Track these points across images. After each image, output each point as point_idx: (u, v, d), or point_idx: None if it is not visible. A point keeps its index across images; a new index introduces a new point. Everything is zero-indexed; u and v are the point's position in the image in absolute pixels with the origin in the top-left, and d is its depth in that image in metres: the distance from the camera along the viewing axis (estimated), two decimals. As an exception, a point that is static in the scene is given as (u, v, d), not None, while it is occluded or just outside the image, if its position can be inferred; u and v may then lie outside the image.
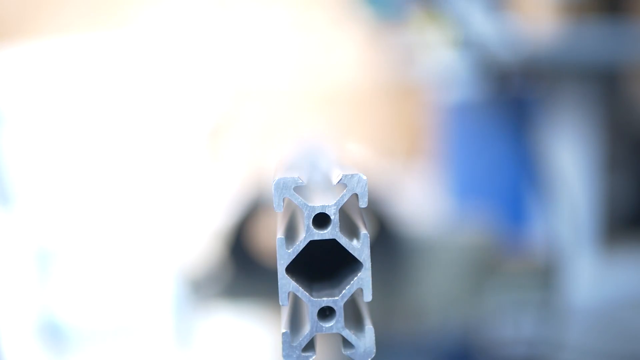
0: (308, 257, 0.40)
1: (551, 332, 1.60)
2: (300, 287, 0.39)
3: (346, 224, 0.40)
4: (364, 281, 0.39)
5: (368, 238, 0.38)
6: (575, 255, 1.86)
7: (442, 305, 1.82)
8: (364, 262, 0.39)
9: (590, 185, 1.97)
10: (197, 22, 2.76)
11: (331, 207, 0.38)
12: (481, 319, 1.71)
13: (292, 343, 0.39)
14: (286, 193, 0.39)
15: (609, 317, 1.66)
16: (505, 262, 1.95)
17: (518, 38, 1.93)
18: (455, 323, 1.73)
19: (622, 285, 1.82)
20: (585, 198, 1.94)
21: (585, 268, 1.87)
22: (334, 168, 0.41)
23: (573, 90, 2.00)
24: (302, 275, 0.40)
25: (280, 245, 0.39)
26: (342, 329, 0.39)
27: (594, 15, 2.03)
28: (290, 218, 0.41)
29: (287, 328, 0.39)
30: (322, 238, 0.39)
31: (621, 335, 1.60)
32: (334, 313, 0.39)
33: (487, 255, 1.92)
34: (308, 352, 0.39)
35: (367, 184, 0.38)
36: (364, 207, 0.39)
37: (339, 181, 0.39)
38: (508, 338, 1.61)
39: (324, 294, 0.39)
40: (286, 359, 0.39)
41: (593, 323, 1.64)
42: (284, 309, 0.40)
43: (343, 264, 0.41)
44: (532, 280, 1.85)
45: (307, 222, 0.39)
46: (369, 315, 0.40)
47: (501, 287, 1.81)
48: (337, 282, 0.40)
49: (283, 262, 0.39)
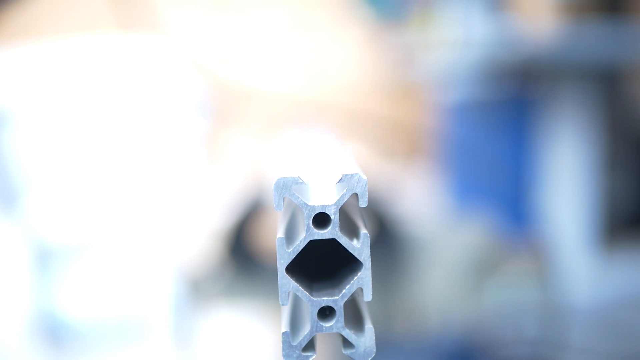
0: (308, 257, 0.39)
1: (551, 332, 1.60)
2: (300, 287, 0.39)
3: (346, 224, 0.40)
4: (364, 281, 0.39)
5: (368, 238, 0.38)
6: (575, 255, 1.86)
7: (442, 305, 1.83)
8: (364, 261, 0.39)
9: (590, 185, 1.97)
10: (196, 22, 2.76)
11: (331, 207, 0.38)
12: (481, 319, 1.71)
13: (292, 343, 0.39)
14: (286, 193, 0.39)
15: (608, 316, 1.66)
16: (505, 262, 1.95)
17: (518, 38, 1.93)
18: (455, 323, 1.73)
19: (622, 285, 1.82)
20: (585, 198, 1.94)
21: (585, 268, 1.86)
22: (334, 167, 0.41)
23: (573, 90, 2.00)
24: (302, 275, 0.40)
25: (280, 245, 0.39)
26: (342, 329, 0.39)
27: (594, 15, 2.03)
28: (290, 218, 0.41)
29: (287, 328, 0.39)
30: (322, 238, 0.39)
31: (621, 335, 1.60)
32: (334, 313, 0.39)
33: (487, 255, 1.92)
34: (308, 351, 0.39)
35: (367, 184, 0.38)
36: (364, 207, 0.39)
37: (339, 180, 0.39)
38: (508, 338, 1.61)
39: (324, 293, 0.39)
40: (286, 358, 0.39)
41: (593, 323, 1.64)
42: (284, 309, 0.40)
43: (343, 264, 0.41)
44: (532, 280, 1.85)
45: (307, 221, 0.38)
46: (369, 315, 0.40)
47: (501, 287, 1.81)
48: (337, 282, 0.40)
49: (283, 262, 0.39)
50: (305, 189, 0.39)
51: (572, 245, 1.88)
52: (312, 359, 0.39)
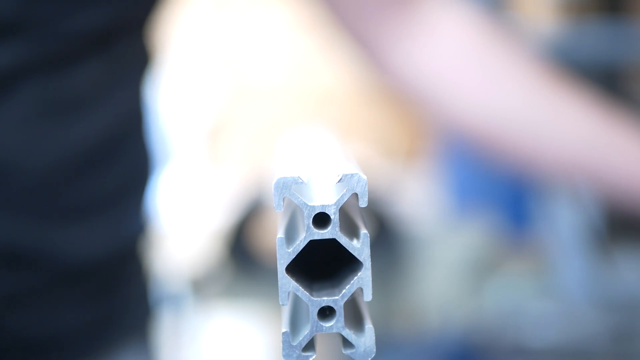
0: (308, 257, 0.39)
1: (551, 331, 1.60)
2: (300, 287, 0.39)
3: (346, 224, 0.40)
4: (364, 281, 0.39)
5: (368, 238, 0.38)
6: (575, 256, 1.86)
7: (442, 305, 1.83)
8: (364, 261, 0.39)
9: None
10: (196, 22, 2.76)
11: (331, 207, 0.38)
12: (481, 319, 1.71)
13: (292, 343, 0.39)
14: (286, 192, 0.39)
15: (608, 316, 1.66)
16: (505, 262, 1.95)
17: (518, 38, 1.93)
18: (455, 323, 1.73)
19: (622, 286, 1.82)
20: (585, 198, 1.94)
21: (585, 268, 1.86)
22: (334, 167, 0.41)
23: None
24: (302, 275, 0.40)
25: (280, 245, 0.39)
26: (342, 329, 0.39)
27: (594, 15, 2.03)
28: (290, 218, 0.41)
29: (287, 328, 0.39)
30: (322, 238, 0.38)
31: (621, 335, 1.60)
32: (334, 313, 0.39)
33: (487, 255, 1.92)
34: (308, 351, 0.39)
35: (367, 184, 0.38)
36: (364, 207, 0.39)
37: (339, 180, 0.38)
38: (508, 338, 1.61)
39: (324, 293, 0.39)
40: (286, 358, 0.39)
41: (592, 322, 1.64)
42: (284, 309, 0.40)
43: (343, 264, 0.41)
44: (532, 280, 1.85)
45: (307, 221, 0.38)
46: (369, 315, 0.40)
47: (501, 287, 1.81)
48: (337, 281, 0.40)
49: (283, 262, 0.39)
50: (305, 189, 0.39)
51: (572, 246, 1.88)
52: (312, 359, 0.39)
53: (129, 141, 0.77)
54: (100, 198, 0.75)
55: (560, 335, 1.60)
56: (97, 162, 0.74)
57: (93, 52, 0.71)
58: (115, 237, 0.76)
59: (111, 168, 0.75)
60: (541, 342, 1.58)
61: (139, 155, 0.78)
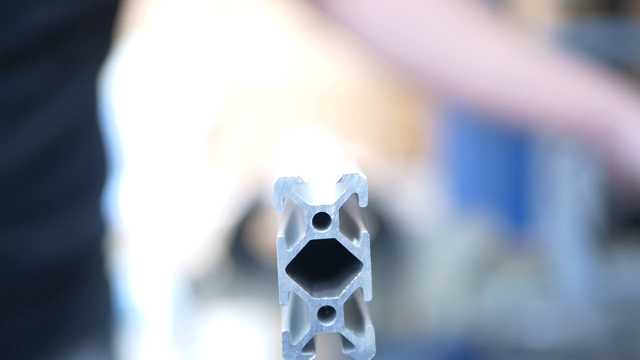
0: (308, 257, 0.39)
1: (551, 331, 1.60)
2: (300, 287, 0.39)
3: (346, 224, 0.40)
4: (364, 281, 0.39)
5: (368, 238, 0.38)
6: (575, 255, 1.86)
7: (442, 305, 1.82)
8: (364, 261, 0.39)
9: (590, 185, 1.97)
10: (195, 22, 2.76)
11: (331, 207, 0.38)
12: (481, 319, 1.71)
13: (292, 343, 0.39)
14: (286, 192, 0.39)
15: (608, 316, 1.66)
16: (505, 262, 1.95)
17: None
18: (455, 323, 1.73)
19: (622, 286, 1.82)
20: (585, 198, 1.94)
21: (585, 268, 1.86)
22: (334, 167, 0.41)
23: (573, 90, 1.99)
24: (302, 275, 0.40)
25: (280, 245, 0.39)
26: (342, 329, 0.39)
27: (594, 15, 2.03)
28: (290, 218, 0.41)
29: (287, 328, 0.39)
30: (322, 238, 0.39)
31: (621, 335, 1.60)
32: (334, 313, 0.39)
33: (487, 255, 1.92)
34: (308, 351, 0.39)
35: (367, 184, 0.38)
36: (364, 207, 0.39)
37: (339, 180, 0.38)
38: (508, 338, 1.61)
39: (324, 293, 0.39)
40: (286, 358, 0.39)
41: (593, 322, 1.64)
42: (284, 309, 0.40)
43: (343, 264, 0.41)
44: (532, 280, 1.85)
45: (307, 221, 0.38)
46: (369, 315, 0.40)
47: (501, 287, 1.81)
48: (337, 282, 0.40)
49: (283, 262, 0.39)
50: (305, 189, 0.39)
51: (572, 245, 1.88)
52: (312, 359, 0.39)
53: (84, 139, 0.75)
54: (55, 198, 0.73)
55: (560, 335, 1.59)
56: (51, 162, 0.72)
57: (48, 48, 0.69)
58: (73, 238, 0.74)
59: (65, 167, 0.73)
60: (541, 342, 1.58)
61: (95, 153, 0.76)
